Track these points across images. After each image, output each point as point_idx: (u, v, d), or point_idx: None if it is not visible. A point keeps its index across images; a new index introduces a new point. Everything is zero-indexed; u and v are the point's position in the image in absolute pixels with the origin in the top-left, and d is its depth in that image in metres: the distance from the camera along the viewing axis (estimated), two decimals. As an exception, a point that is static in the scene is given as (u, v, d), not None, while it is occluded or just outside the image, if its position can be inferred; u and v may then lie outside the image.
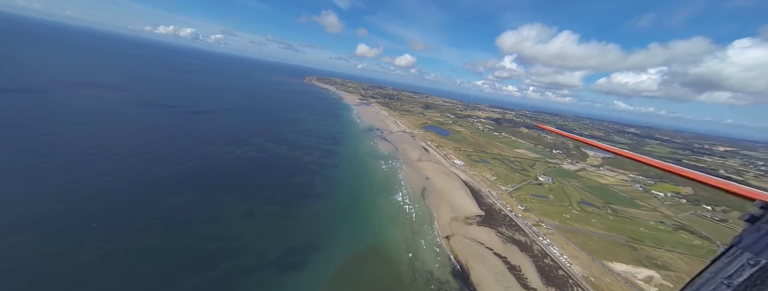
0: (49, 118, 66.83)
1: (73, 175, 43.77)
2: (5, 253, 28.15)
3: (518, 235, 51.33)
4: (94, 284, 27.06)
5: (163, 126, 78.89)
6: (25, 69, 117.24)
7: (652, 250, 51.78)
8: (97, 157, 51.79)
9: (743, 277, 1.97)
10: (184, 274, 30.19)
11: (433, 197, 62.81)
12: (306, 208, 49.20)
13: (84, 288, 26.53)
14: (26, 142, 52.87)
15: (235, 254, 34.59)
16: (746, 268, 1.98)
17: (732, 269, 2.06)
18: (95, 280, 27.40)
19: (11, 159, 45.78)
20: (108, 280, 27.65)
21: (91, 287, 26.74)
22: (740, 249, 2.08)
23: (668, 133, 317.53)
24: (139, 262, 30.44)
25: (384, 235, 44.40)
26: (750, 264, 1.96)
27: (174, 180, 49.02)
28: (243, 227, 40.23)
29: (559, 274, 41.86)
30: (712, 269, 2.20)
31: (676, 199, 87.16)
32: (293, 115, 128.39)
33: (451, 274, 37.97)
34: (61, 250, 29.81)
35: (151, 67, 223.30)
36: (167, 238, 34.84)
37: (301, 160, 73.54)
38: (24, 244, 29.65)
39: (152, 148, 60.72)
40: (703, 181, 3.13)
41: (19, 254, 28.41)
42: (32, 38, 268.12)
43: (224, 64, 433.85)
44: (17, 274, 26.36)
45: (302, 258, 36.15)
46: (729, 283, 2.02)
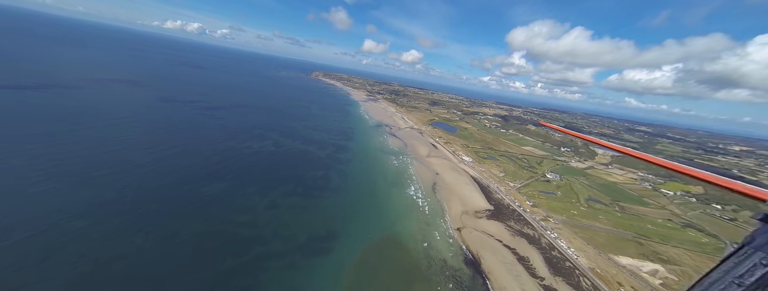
0: (84, 114, 71.27)
1: (117, 167, 47.67)
2: (73, 237, 31.89)
3: (526, 229, 53.40)
4: (153, 264, 30.59)
5: (186, 121, 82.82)
6: (51, 66, 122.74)
7: (659, 245, 53.19)
8: (134, 149, 55.80)
9: (755, 277, 1.94)
10: (226, 256, 33.54)
11: (444, 192, 65.10)
12: (325, 199, 52.23)
13: (145, 266, 30.06)
14: (70, 135, 57.13)
15: (266, 240, 37.81)
16: (758, 267, 1.95)
17: (743, 269, 2.03)
18: (153, 260, 30.93)
19: (62, 150, 49.96)
20: (163, 260, 31.16)
21: (151, 266, 30.26)
22: (752, 248, 2.05)
23: (681, 132, 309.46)
24: (186, 245, 33.91)
25: (400, 226, 47.12)
26: (762, 264, 1.94)
27: (204, 172, 52.58)
28: (270, 216, 43.47)
29: (566, 265, 43.99)
30: (722, 268, 2.19)
31: (685, 198, 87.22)
32: (304, 111, 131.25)
33: (464, 263, 40.55)
34: (119, 234, 33.47)
35: (164, 62, 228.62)
36: (206, 224, 38.28)
37: (315, 154, 76.51)
38: (87, 228, 33.40)
39: (180, 142, 64.51)
40: (712, 181, 3.08)
41: (85, 237, 32.13)
42: (50, 34, 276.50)
43: (231, 60, 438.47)
44: (88, 254, 30.03)
45: (326, 245, 39.19)
46: (740, 282, 1.99)
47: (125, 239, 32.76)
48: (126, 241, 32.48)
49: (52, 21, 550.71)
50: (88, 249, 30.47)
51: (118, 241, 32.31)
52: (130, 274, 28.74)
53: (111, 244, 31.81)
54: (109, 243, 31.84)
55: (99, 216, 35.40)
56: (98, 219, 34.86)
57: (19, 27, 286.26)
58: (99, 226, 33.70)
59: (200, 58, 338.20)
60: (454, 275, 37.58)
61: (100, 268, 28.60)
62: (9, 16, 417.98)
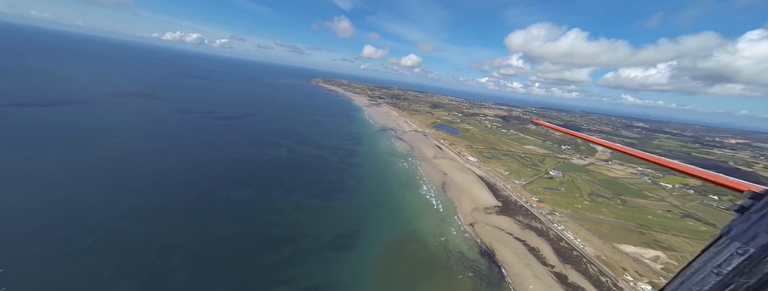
0: (114, 128, 75.53)
1: (157, 176, 51.54)
2: (138, 237, 35.44)
3: (534, 223, 56.82)
4: (206, 260, 34.03)
5: (206, 131, 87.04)
6: (67, 82, 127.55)
7: (659, 234, 56.56)
8: (168, 159, 59.77)
9: (732, 266, 2.00)
10: (265, 253, 36.96)
11: (453, 191, 68.65)
12: (343, 200, 55.77)
13: (200, 262, 33.51)
14: (108, 148, 61.29)
15: (296, 238, 41.23)
16: (735, 257, 2.01)
17: (721, 258, 2.09)
18: (205, 257, 34.36)
19: (106, 162, 53.91)
20: (213, 257, 34.60)
21: (204, 262, 33.70)
22: (730, 238, 2.12)
23: (678, 127, 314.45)
24: (230, 244, 37.38)
25: (416, 223, 50.58)
26: (739, 253, 2.00)
27: (232, 178, 56.26)
28: (296, 217, 46.97)
29: (573, 254, 47.32)
30: (702, 259, 2.25)
31: (684, 190, 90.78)
32: (310, 118, 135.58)
33: (479, 254, 43.90)
34: (172, 235, 37.01)
35: (170, 74, 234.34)
36: (242, 225, 41.79)
37: (328, 159, 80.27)
38: (147, 229, 36.96)
39: (206, 152, 68.46)
40: (693, 174, 3.17)
41: (146, 238, 35.68)
42: (57, 49, 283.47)
43: (232, 69, 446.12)
44: (140, 253, 33.54)
45: (351, 241, 42.60)
46: (718, 271, 2.05)
47: (179, 239, 36.27)
48: (179, 241, 35.98)
49: (55, 36, 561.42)
50: (150, 248, 33.99)
51: (174, 241, 35.83)
52: (190, 268, 32.17)
53: (169, 243, 35.33)
54: (167, 243, 35.37)
55: (153, 220, 39.02)
56: (153, 223, 38.48)
57: (27, 43, 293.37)
58: (155, 229, 37.30)
59: (202, 69, 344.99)
60: (472, 265, 40.91)
61: (162, 265, 32.04)
62: (15, 33, 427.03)
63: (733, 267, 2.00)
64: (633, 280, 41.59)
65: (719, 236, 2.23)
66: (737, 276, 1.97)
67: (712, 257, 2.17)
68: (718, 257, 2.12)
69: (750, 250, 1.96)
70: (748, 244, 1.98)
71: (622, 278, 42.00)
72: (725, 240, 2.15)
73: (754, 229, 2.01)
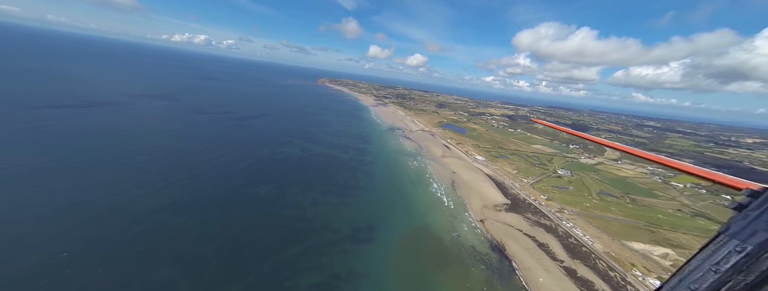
0: (139, 128, 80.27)
1: (185, 174, 55.25)
2: (175, 229, 38.71)
3: (543, 220, 58.16)
4: (239, 249, 37.00)
5: (224, 131, 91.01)
6: (88, 84, 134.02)
7: (669, 233, 57.13)
8: (192, 158, 63.54)
9: (730, 264, 2.01)
10: (289, 244, 39.72)
11: (463, 188, 70.39)
12: (358, 197, 58.27)
13: (226, 252, 36.49)
14: (139, 148, 65.63)
15: (317, 231, 43.91)
16: (733, 254, 2.02)
17: (719, 256, 2.09)
18: (238, 247, 37.34)
19: (138, 161, 57.99)
20: (245, 246, 37.55)
21: (231, 252, 36.67)
22: (727, 236, 2.12)
23: (692, 126, 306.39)
24: (257, 235, 40.33)
25: (429, 218, 52.69)
26: (736, 251, 2.00)
27: (252, 176, 59.49)
28: (315, 211, 49.68)
29: (582, 250, 48.64)
30: (700, 256, 2.25)
31: (695, 189, 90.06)
32: (320, 118, 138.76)
33: (490, 249, 45.75)
34: (205, 227, 40.18)
35: (182, 75, 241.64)
36: (267, 218, 44.73)
37: (340, 157, 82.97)
38: (183, 223, 40.25)
39: (226, 151, 72.10)
40: (690, 172, 3.17)
41: (184, 230, 38.91)
42: (74, 52, 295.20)
43: (239, 70, 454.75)
44: (180, 243, 36.69)
45: (368, 234, 45.03)
46: (716, 269, 2.06)
47: (212, 230, 39.44)
48: (213, 232, 39.13)
49: (71, 39, 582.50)
50: (187, 239, 37.24)
51: (208, 232, 39.01)
52: (225, 256, 35.16)
53: (203, 234, 38.52)
54: (202, 234, 38.56)
55: (187, 214, 42.38)
56: (188, 216, 41.83)
57: (47, 47, 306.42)
58: (190, 221, 40.61)
59: (211, 70, 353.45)
60: (483, 258, 42.82)
61: (200, 254, 35.12)
62: (35, 37, 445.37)
63: (731, 264, 2.01)
64: (641, 276, 42.76)
65: (717, 234, 2.22)
66: (735, 273, 1.98)
67: (710, 255, 2.17)
68: (716, 255, 2.12)
69: (748, 247, 1.97)
70: (746, 242, 1.99)
71: (631, 273, 43.20)
72: (723, 238, 2.16)
73: (752, 226, 2.02)
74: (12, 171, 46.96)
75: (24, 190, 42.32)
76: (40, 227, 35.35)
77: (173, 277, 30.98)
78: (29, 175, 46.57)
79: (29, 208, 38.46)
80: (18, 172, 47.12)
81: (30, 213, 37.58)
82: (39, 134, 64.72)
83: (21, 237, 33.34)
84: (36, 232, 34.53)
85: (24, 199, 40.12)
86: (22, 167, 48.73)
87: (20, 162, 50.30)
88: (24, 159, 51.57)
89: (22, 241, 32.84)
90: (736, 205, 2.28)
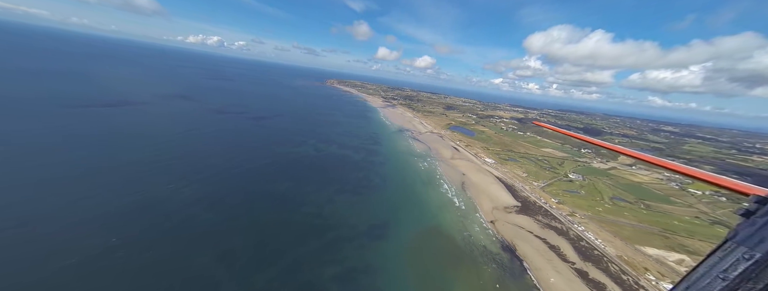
0: (167, 127, 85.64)
1: (211, 171, 59.14)
2: (198, 221, 41.90)
3: (554, 223, 58.52)
4: (259, 243, 39.72)
5: (243, 130, 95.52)
6: (114, 84, 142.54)
7: (685, 239, 56.35)
8: (217, 157, 67.51)
9: (738, 271, 1.97)
10: (309, 238, 42.13)
11: (473, 190, 71.37)
12: (371, 196, 60.37)
13: (253, 244, 39.24)
14: (168, 146, 70.25)
15: (334, 227, 46.18)
16: (741, 261, 1.98)
17: (727, 263, 2.05)
18: (259, 240, 40.08)
19: (170, 157, 62.41)
20: (271, 239, 40.24)
21: (258, 244, 39.39)
22: (735, 243, 2.09)
23: (713, 131, 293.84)
24: (280, 229, 43.02)
25: (440, 218, 54.16)
26: (745, 258, 1.97)
27: (271, 174, 62.72)
28: (331, 208, 52.06)
29: (594, 253, 48.91)
30: (707, 263, 2.21)
31: (715, 197, 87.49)
32: (331, 119, 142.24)
33: (501, 249, 46.80)
34: (228, 221, 43.24)
35: (199, 76, 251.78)
36: (287, 214, 47.43)
37: (352, 157, 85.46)
38: (215, 216, 43.46)
39: (244, 149, 75.98)
40: (698, 177, 3.09)
41: (215, 223, 42.06)
42: (98, 54, 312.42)
43: (250, 71, 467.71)
44: (212, 235, 39.72)
45: (383, 232, 46.96)
46: (724, 276, 2.02)
47: (239, 224, 42.47)
48: (240, 225, 42.15)
49: (95, 41, 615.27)
50: (218, 231, 40.37)
51: (236, 226, 42.07)
52: (253, 248, 37.92)
53: (232, 227, 41.61)
54: (231, 227, 41.65)
55: (217, 208, 45.72)
56: (218, 210, 45.14)
57: (73, 48, 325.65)
58: (220, 215, 43.85)
59: (224, 71, 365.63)
60: (495, 258, 43.96)
61: (231, 245, 38.01)
62: (62, 39, 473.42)
63: (739, 272, 1.98)
64: (655, 280, 42.81)
65: (725, 240, 2.18)
66: (744, 281, 1.94)
67: (718, 262, 2.14)
68: (724, 262, 2.09)
69: (756, 254, 1.94)
70: (754, 249, 1.97)
71: (644, 277, 43.30)
72: (731, 244, 2.13)
73: (760, 233, 2.00)
74: (67, 167, 51.67)
75: (75, 184, 46.63)
76: (89, 216, 39.15)
77: (211, 264, 33.88)
78: (83, 170, 51.17)
79: (85, 198, 42.55)
80: (72, 167, 51.79)
81: (85, 204, 41.56)
82: (79, 132, 70.24)
83: (79, 223, 37.17)
84: (87, 219, 38.29)
85: (79, 192, 44.30)
86: (72, 163, 53.47)
87: (69, 158, 55.17)
88: (73, 155, 56.48)
89: (82, 225, 36.64)
90: (744, 212, 2.26)
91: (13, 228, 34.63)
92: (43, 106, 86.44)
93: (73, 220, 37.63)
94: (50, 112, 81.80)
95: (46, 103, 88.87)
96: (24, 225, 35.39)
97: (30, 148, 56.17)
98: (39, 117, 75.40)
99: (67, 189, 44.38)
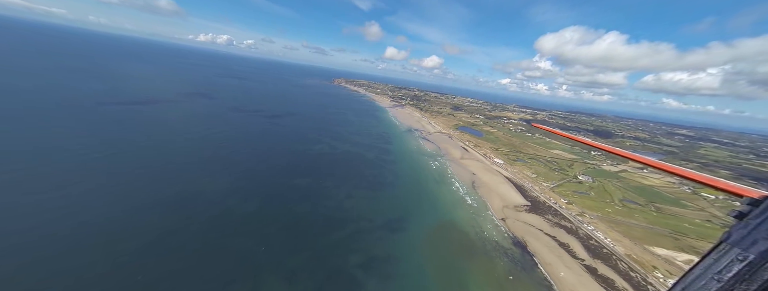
0: (193, 123, 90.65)
1: (237, 165, 63.36)
2: (236, 211, 45.77)
3: (564, 222, 60.25)
4: (289, 232, 43.26)
5: (261, 128, 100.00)
6: (138, 82, 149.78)
7: (695, 241, 57.26)
8: (241, 153, 71.75)
9: (732, 273, 2.00)
10: (332, 229, 45.41)
11: (483, 189, 73.51)
12: (386, 192, 63.34)
13: (284, 232, 42.79)
14: (199, 142, 75.00)
15: (354, 220, 49.34)
16: (735, 263, 2.01)
17: (721, 265, 2.09)
18: (289, 230, 43.62)
19: (199, 154, 67.12)
20: (295, 229, 43.73)
21: (287, 232, 42.91)
22: (729, 245, 2.13)
23: (730, 135, 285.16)
24: (304, 221, 46.46)
25: (453, 214, 56.72)
26: (739, 259, 2.00)
27: (291, 169, 66.50)
28: (350, 203, 55.26)
29: (603, 251, 50.63)
30: (702, 265, 2.25)
31: (728, 201, 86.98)
32: (342, 118, 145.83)
33: (513, 244, 49.09)
34: (261, 211, 47.01)
35: (213, 75, 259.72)
36: (310, 207, 50.88)
37: (365, 156, 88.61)
38: (243, 205, 47.34)
39: (266, 146, 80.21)
40: (692, 178, 3.12)
41: (242, 212, 45.90)
42: (116, 52, 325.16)
43: (260, 69, 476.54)
44: (250, 223, 43.48)
45: (400, 225, 49.87)
46: (719, 278, 2.05)
47: (270, 214, 46.21)
48: (271, 215, 45.89)
49: (111, 39, 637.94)
50: (254, 220, 44.26)
51: (268, 215, 45.83)
52: (284, 235, 41.46)
53: (265, 217, 45.37)
54: (264, 216, 45.41)
55: (251, 200, 49.63)
56: (251, 202, 49.06)
57: (92, 46, 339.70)
58: (251, 206, 47.64)
59: (235, 69, 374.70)
60: (507, 252, 46.34)
61: (265, 232, 41.67)
62: (79, 37, 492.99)
63: (733, 273, 2.00)
64: (663, 277, 44.39)
65: (719, 242, 2.23)
66: (738, 282, 1.96)
67: (713, 263, 2.17)
68: (719, 263, 2.12)
69: (750, 256, 1.97)
70: (747, 251, 2.00)
71: (652, 275, 44.90)
72: (725, 246, 2.17)
73: (753, 235, 2.03)
74: (120, 160, 56.52)
75: (127, 176, 51.28)
76: (149, 202, 43.47)
77: (251, 247, 37.59)
78: (135, 164, 55.99)
79: (140, 189, 47.05)
80: (124, 161, 56.64)
81: (142, 193, 45.98)
82: (119, 128, 75.58)
83: (139, 209, 41.49)
84: (146, 206, 42.58)
85: (132, 182, 48.87)
86: (123, 156, 58.35)
87: (120, 150, 60.11)
88: (122, 149, 61.44)
89: (143, 211, 40.95)
90: (737, 214, 2.34)
91: (93, 210, 39.11)
92: (83, 102, 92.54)
93: (133, 205, 42.09)
94: (92, 108, 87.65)
95: (83, 100, 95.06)
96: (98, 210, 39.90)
97: (94, 148, 60.37)
98: (85, 115, 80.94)
99: (118, 179, 48.98)
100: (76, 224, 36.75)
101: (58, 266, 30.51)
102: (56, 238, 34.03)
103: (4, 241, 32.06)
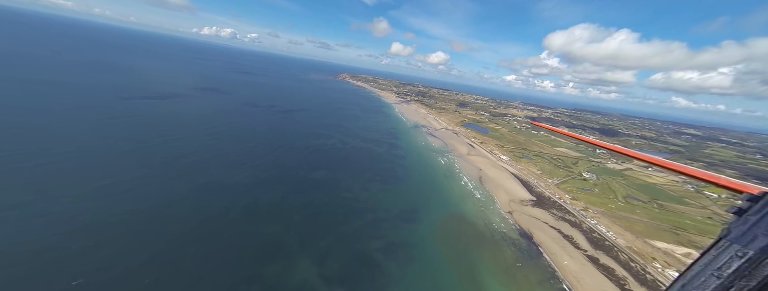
0: (212, 118, 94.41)
1: (260, 159, 67.12)
2: (263, 201, 49.43)
3: (568, 216, 63.06)
4: (310, 219, 46.84)
5: (275, 123, 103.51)
6: (151, 76, 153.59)
7: (696, 236, 59.71)
8: (260, 147, 75.26)
9: (732, 269, 2.00)
10: (351, 218, 48.89)
11: (489, 184, 76.35)
12: (398, 185, 66.58)
13: (307, 220, 46.38)
14: (219, 135, 78.75)
15: (371, 210, 52.75)
16: (734, 259, 2.01)
17: (721, 261, 2.09)
18: (310, 218, 47.17)
19: (221, 144, 70.94)
20: (317, 218, 47.30)
21: (310, 219, 46.50)
22: (729, 241, 2.13)
23: (739, 135, 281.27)
24: (324, 210, 49.99)
25: (462, 207, 59.87)
26: (738, 256, 2.00)
27: (308, 163, 69.98)
28: (366, 195, 58.64)
29: (605, 243, 53.52)
30: (702, 261, 2.25)
31: (731, 200, 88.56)
32: (350, 113, 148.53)
33: (519, 235, 52.21)
34: (284, 201, 50.60)
35: (222, 70, 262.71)
36: (329, 197, 54.38)
37: (375, 151, 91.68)
38: (265, 194, 50.96)
39: (282, 141, 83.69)
40: (692, 175, 3.16)
41: (268, 202, 49.54)
42: (125, 45, 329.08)
43: (266, 64, 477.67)
44: (275, 212, 47.10)
45: (413, 215, 53.21)
46: (719, 274, 2.05)
47: (293, 203, 49.82)
48: (294, 204, 49.49)
49: (119, 32, 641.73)
50: (280, 209, 47.93)
51: (291, 204, 49.44)
52: (307, 223, 45.07)
53: (289, 206, 49.01)
54: (288, 206, 49.04)
55: (275, 191, 53.32)
56: (276, 192, 52.73)
57: (106, 41, 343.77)
58: (275, 197, 51.23)
59: (242, 64, 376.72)
60: (514, 243, 49.52)
61: (289, 219, 45.31)
62: (85, 30, 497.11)
63: (733, 270, 2.00)
64: (661, 268, 47.27)
65: (718, 239, 2.24)
66: (738, 279, 1.97)
67: (712, 260, 2.18)
68: (718, 260, 2.13)
69: (749, 252, 1.98)
70: (747, 247, 2.01)
71: (651, 265, 47.80)
72: (724, 242, 2.16)
73: (752, 231, 2.04)
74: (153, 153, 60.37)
75: (158, 168, 55.08)
76: (182, 192, 47.28)
77: (279, 232, 41.28)
78: (163, 158, 59.68)
79: (174, 179, 50.80)
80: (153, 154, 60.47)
81: (175, 183, 49.79)
82: (147, 122, 79.41)
83: (176, 199, 45.32)
84: (180, 196, 46.40)
85: (163, 174, 52.66)
86: (157, 150, 62.18)
87: (152, 143, 63.97)
88: (154, 143, 65.28)
89: (180, 201, 44.76)
90: (736, 210, 2.35)
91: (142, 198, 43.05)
92: (105, 96, 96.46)
93: (171, 195, 45.91)
94: (114, 103, 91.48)
95: (105, 94, 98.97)
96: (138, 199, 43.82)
97: (127, 141, 64.02)
98: (109, 109, 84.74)
99: (156, 171, 52.83)
100: (130, 210, 40.65)
101: (123, 242, 34.48)
102: (115, 222, 37.95)
103: (75, 221, 36.12)
